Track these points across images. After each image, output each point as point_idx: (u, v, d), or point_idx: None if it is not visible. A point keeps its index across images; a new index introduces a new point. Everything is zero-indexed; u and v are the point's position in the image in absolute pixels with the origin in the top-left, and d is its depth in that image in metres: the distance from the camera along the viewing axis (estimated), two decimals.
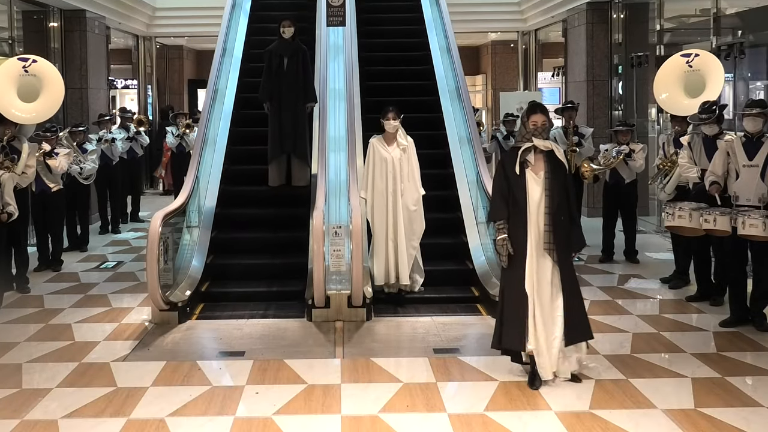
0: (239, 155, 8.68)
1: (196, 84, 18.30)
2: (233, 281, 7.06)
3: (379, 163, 6.63)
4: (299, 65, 7.90)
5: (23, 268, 7.31)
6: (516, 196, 4.71)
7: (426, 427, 4.23)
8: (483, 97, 18.83)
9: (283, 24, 7.99)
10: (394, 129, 6.63)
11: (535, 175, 4.69)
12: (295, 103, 7.87)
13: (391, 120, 6.61)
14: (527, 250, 4.68)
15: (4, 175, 6.55)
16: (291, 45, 7.96)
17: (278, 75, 7.89)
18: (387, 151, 6.64)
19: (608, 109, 11.45)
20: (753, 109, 5.94)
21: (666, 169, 7.28)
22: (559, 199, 4.67)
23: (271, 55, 7.97)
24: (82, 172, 8.79)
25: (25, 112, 7.08)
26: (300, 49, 7.98)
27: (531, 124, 4.74)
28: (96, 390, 4.73)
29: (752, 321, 5.88)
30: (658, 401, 4.49)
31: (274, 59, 7.93)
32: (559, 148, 4.78)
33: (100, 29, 11.86)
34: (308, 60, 8.04)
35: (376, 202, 6.63)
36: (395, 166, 6.59)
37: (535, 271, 4.68)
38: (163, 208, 6.58)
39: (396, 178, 6.59)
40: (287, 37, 7.98)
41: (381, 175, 6.62)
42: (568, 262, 4.77)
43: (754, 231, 5.51)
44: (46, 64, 7.36)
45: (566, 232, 4.69)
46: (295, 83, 7.87)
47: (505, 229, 4.74)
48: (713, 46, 8.84)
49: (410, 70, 10.07)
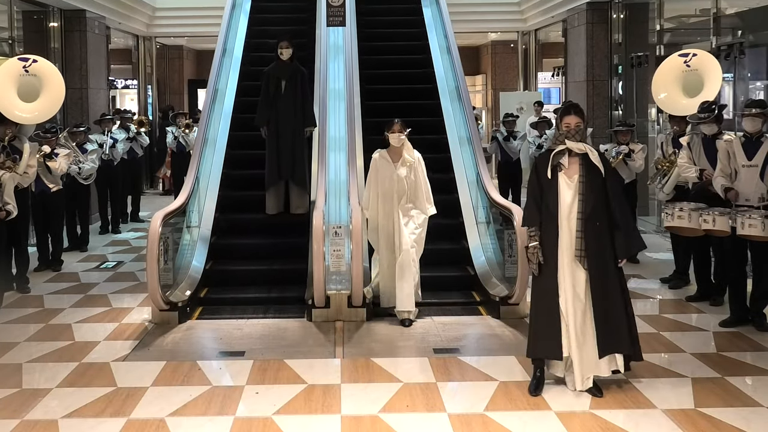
0: (239, 159, 8.60)
1: (196, 84, 18.32)
2: (232, 287, 6.98)
3: (383, 182, 6.14)
4: (298, 88, 7.59)
5: (23, 268, 7.31)
6: (547, 201, 4.56)
7: (426, 427, 4.23)
8: (483, 97, 18.84)
9: (280, 45, 7.62)
10: (399, 143, 6.11)
11: (568, 179, 4.53)
12: (294, 128, 7.58)
13: (397, 133, 6.09)
14: (558, 257, 4.52)
15: (5, 175, 6.55)
16: (289, 67, 7.64)
17: (276, 98, 7.57)
18: (392, 167, 6.13)
19: (608, 109, 11.45)
20: (752, 109, 5.94)
21: (664, 169, 7.28)
22: (595, 203, 4.48)
23: (268, 77, 7.64)
24: (82, 173, 8.79)
25: (25, 112, 7.07)
26: (299, 72, 7.66)
27: (564, 126, 4.59)
28: (96, 390, 4.73)
29: (752, 321, 5.89)
30: (658, 401, 4.49)
31: (271, 82, 7.60)
32: (593, 151, 4.58)
33: (100, 29, 11.86)
34: (307, 82, 7.77)
35: (381, 220, 6.20)
36: (401, 184, 6.10)
37: (568, 279, 4.51)
38: (163, 208, 6.59)
39: (402, 197, 6.12)
40: (285, 58, 7.63)
41: (386, 194, 6.14)
42: (608, 270, 4.52)
43: (754, 231, 5.51)
44: (47, 64, 7.36)
45: (603, 238, 4.48)
46: (293, 107, 7.56)
47: (536, 236, 4.58)
48: (713, 46, 8.85)
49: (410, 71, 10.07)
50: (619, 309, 4.55)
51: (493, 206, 6.96)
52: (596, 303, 4.50)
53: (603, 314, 4.51)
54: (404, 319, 6.07)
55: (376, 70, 9.92)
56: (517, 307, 6.17)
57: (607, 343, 4.52)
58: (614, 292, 4.56)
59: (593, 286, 4.50)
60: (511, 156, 10.72)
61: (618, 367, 4.58)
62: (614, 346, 4.53)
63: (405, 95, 9.54)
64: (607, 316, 4.51)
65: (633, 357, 4.63)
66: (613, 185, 4.60)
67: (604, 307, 4.51)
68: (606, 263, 4.53)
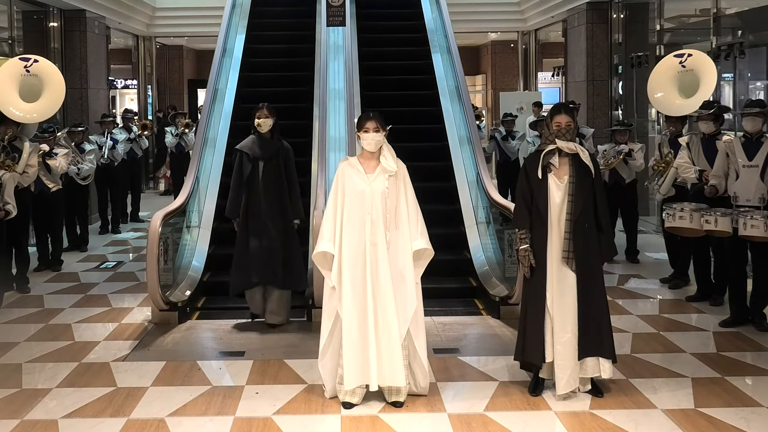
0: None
1: (196, 84, 18.33)
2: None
3: (351, 199, 4.39)
4: (280, 171, 5.96)
5: (23, 268, 7.31)
6: (537, 202, 4.49)
7: (426, 427, 4.23)
8: (483, 97, 18.86)
9: (258, 115, 5.93)
10: (375, 146, 4.43)
11: (558, 179, 4.46)
12: (273, 222, 5.92)
13: (372, 133, 4.42)
14: (548, 259, 4.48)
15: (5, 175, 6.55)
16: (269, 144, 5.96)
17: (251, 185, 5.93)
18: (364, 180, 4.42)
19: (608, 110, 11.45)
20: (752, 108, 5.94)
21: (660, 169, 7.28)
22: (584, 205, 4.42)
23: (242, 157, 6.00)
24: (80, 173, 8.79)
25: (26, 112, 7.08)
26: (281, 150, 6.01)
27: (554, 125, 4.48)
28: (96, 390, 4.73)
29: (752, 321, 5.89)
30: (658, 401, 4.49)
31: (246, 163, 5.96)
32: (584, 150, 4.49)
33: (100, 29, 11.86)
34: (292, 162, 6.08)
35: (347, 259, 4.35)
36: (377, 202, 4.36)
37: (556, 281, 4.47)
38: (163, 208, 6.58)
39: (378, 221, 4.35)
40: (264, 131, 5.94)
41: (354, 216, 4.37)
42: (593, 272, 4.50)
43: (756, 232, 5.50)
44: (48, 64, 7.36)
45: (590, 240, 4.45)
46: (273, 195, 5.93)
47: (527, 238, 4.52)
48: (713, 46, 8.85)
49: (410, 68, 10.06)
50: (602, 312, 4.53)
51: (493, 206, 6.97)
52: (581, 305, 4.47)
53: (587, 317, 4.48)
54: (394, 401, 4.42)
55: (375, 63, 9.93)
56: (517, 307, 6.15)
57: (590, 346, 4.47)
58: (600, 296, 4.54)
59: (580, 288, 4.47)
60: (510, 156, 10.73)
61: (601, 372, 4.50)
62: (596, 349, 4.49)
63: (405, 93, 9.53)
64: (591, 319, 4.49)
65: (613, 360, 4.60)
66: (599, 186, 4.57)
67: (589, 310, 4.48)
68: (592, 265, 4.50)
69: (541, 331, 4.49)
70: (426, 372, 4.52)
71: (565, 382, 4.46)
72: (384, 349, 4.30)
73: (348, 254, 4.35)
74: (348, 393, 4.39)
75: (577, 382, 4.50)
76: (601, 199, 4.54)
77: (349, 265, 4.34)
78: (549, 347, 4.48)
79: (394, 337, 4.29)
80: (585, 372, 4.52)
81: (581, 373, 4.52)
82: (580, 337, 4.46)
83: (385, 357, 4.30)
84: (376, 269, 4.33)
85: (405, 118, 8.48)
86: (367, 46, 10.01)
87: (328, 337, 4.45)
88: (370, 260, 4.33)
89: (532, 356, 4.56)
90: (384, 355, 4.30)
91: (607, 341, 4.52)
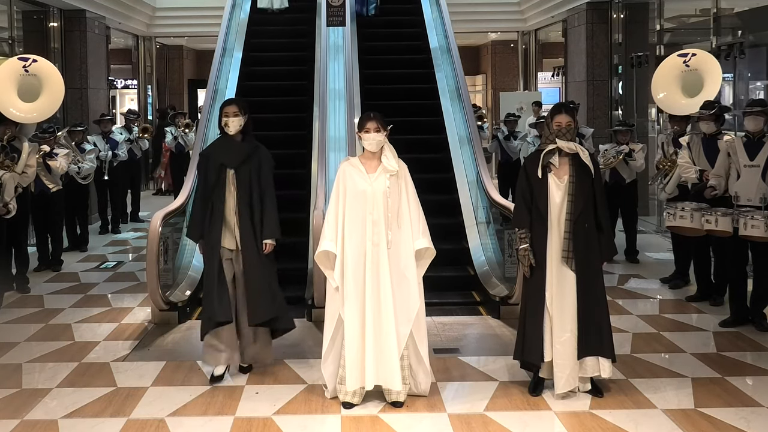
0: None
1: (196, 84, 18.33)
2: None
3: (353, 199, 4.41)
4: (251, 180, 4.86)
5: (23, 268, 7.31)
6: (537, 202, 4.49)
7: (426, 427, 4.23)
8: (483, 97, 18.85)
9: (225, 112, 4.91)
10: (376, 146, 4.43)
11: (558, 179, 4.46)
12: (245, 242, 4.85)
13: (372, 133, 4.42)
14: (547, 258, 4.48)
15: (5, 175, 6.55)
16: (239, 148, 4.91)
17: (216, 196, 4.86)
18: (365, 180, 4.45)
19: (608, 109, 11.46)
20: (754, 107, 5.94)
21: (665, 169, 7.28)
22: (584, 205, 4.42)
23: (207, 163, 4.94)
24: (80, 172, 8.79)
25: (25, 112, 7.07)
26: (254, 154, 4.92)
27: (555, 124, 4.48)
28: (96, 390, 4.73)
29: (752, 321, 5.89)
30: (658, 401, 4.49)
31: (212, 170, 4.89)
32: (584, 150, 4.49)
33: (100, 29, 11.86)
34: (269, 170, 4.96)
35: (349, 259, 4.37)
36: (378, 202, 4.37)
37: (556, 281, 4.47)
38: (162, 208, 6.58)
39: (380, 221, 4.37)
40: (232, 132, 4.89)
41: (356, 216, 4.38)
42: (593, 272, 4.50)
43: (756, 232, 5.50)
44: (47, 64, 7.35)
45: (590, 240, 4.45)
46: (244, 209, 4.85)
47: (527, 238, 4.52)
48: (713, 46, 8.85)
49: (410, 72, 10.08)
50: (602, 312, 4.53)
51: (493, 206, 6.96)
52: (581, 305, 4.47)
53: (587, 316, 4.48)
54: (394, 401, 4.42)
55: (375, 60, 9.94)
56: (517, 307, 6.15)
57: (589, 346, 4.47)
58: (600, 295, 4.54)
59: (579, 288, 4.47)
60: (511, 156, 10.74)
61: (601, 372, 4.51)
62: (595, 348, 4.49)
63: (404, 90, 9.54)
64: (591, 318, 4.48)
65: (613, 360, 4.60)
66: (599, 186, 4.57)
67: (589, 309, 4.48)
68: (591, 265, 4.50)
69: (541, 331, 4.49)
70: (428, 373, 4.53)
71: (564, 381, 4.46)
72: (381, 350, 4.31)
73: (350, 254, 4.37)
74: (348, 393, 4.41)
75: (576, 381, 4.51)
76: (601, 199, 4.55)
77: (351, 265, 4.36)
78: (548, 346, 4.49)
79: (391, 339, 4.30)
80: (584, 371, 4.52)
81: (581, 372, 4.52)
82: (580, 337, 4.46)
83: (383, 358, 4.31)
84: (377, 270, 4.34)
85: (404, 113, 8.54)
86: (366, 53, 10.06)
87: (331, 340, 4.47)
88: (371, 260, 4.34)
89: (531, 355, 4.56)
90: (381, 356, 4.31)
91: (606, 341, 4.52)
